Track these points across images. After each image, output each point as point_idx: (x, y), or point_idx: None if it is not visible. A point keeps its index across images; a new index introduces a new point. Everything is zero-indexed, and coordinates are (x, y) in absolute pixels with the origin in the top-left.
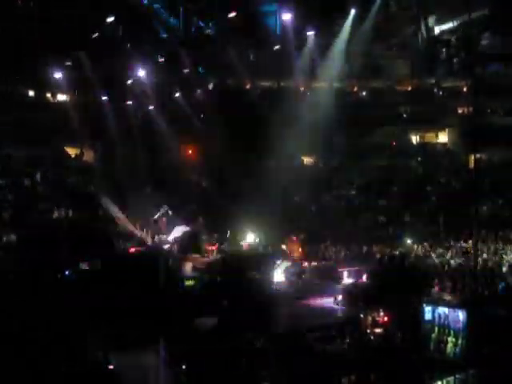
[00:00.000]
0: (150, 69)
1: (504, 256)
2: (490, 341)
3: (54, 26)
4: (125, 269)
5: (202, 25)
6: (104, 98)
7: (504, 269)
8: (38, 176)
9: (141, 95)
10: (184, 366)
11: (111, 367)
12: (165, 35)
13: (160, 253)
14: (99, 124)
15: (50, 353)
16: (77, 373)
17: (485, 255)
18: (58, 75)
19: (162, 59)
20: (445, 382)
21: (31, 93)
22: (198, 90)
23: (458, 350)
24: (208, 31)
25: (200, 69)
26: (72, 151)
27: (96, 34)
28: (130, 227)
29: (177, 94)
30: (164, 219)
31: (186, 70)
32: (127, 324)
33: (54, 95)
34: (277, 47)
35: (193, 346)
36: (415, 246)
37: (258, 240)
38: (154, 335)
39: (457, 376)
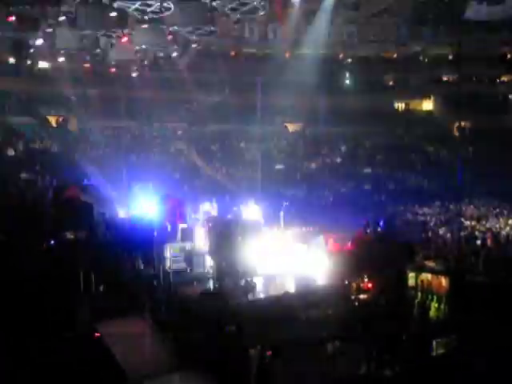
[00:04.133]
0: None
1: (486, 223)
2: (472, 307)
3: None
4: (111, 237)
5: None
6: (87, 65)
7: (488, 234)
8: (21, 145)
9: (125, 60)
10: (170, 334)
11: (98, 335)
12: None
13: (146, 221)
14: (82, 91)
15: (36, 322)
16: (63, 341)
17: (468, 222)
18: (39, 41)
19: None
20: (428, 346)
21: (11, 60)
22: (182, 55)
23: (440, 315)
24: None
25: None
26: (55, 119)
27: None
28: (115, 195)
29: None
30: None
31: (169, 36)
32: (113, 292)
33: (34, 62)
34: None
35: (179, 314)
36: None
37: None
38: (140, 303)
39: (438, 340)
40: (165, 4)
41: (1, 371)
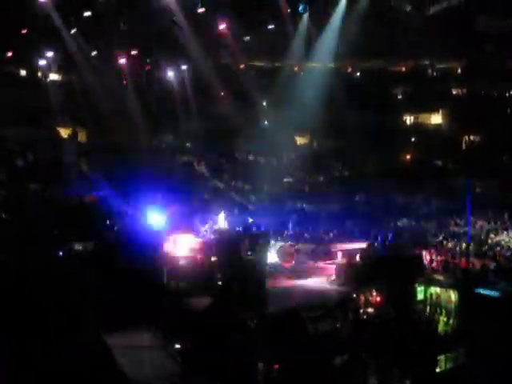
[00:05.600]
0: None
1: (494, 236)
2: (481, 320)
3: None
4: (119, 248)
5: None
6: (95, 76)
7: (498, 248)
8: (31, 156)
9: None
10: (178, 346)
11: (105, 346)
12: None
13: (154, 232)
14: (92, 103)
15: (43, 332)
16: (70, 352)
17: (477, 236)
18: (49, 54)
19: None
20: (436, 360)
21: (23, 72)
22: (190, 69)
23: (449, 328)
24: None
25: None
26: (65, 131)
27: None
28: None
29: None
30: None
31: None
32: (121, 303)
33: (45, 74)
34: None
35: (187, 326)
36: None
37: (251, 220)
38: (148, 314)
39: (447, 354)
40: None
41: (4, 374)
